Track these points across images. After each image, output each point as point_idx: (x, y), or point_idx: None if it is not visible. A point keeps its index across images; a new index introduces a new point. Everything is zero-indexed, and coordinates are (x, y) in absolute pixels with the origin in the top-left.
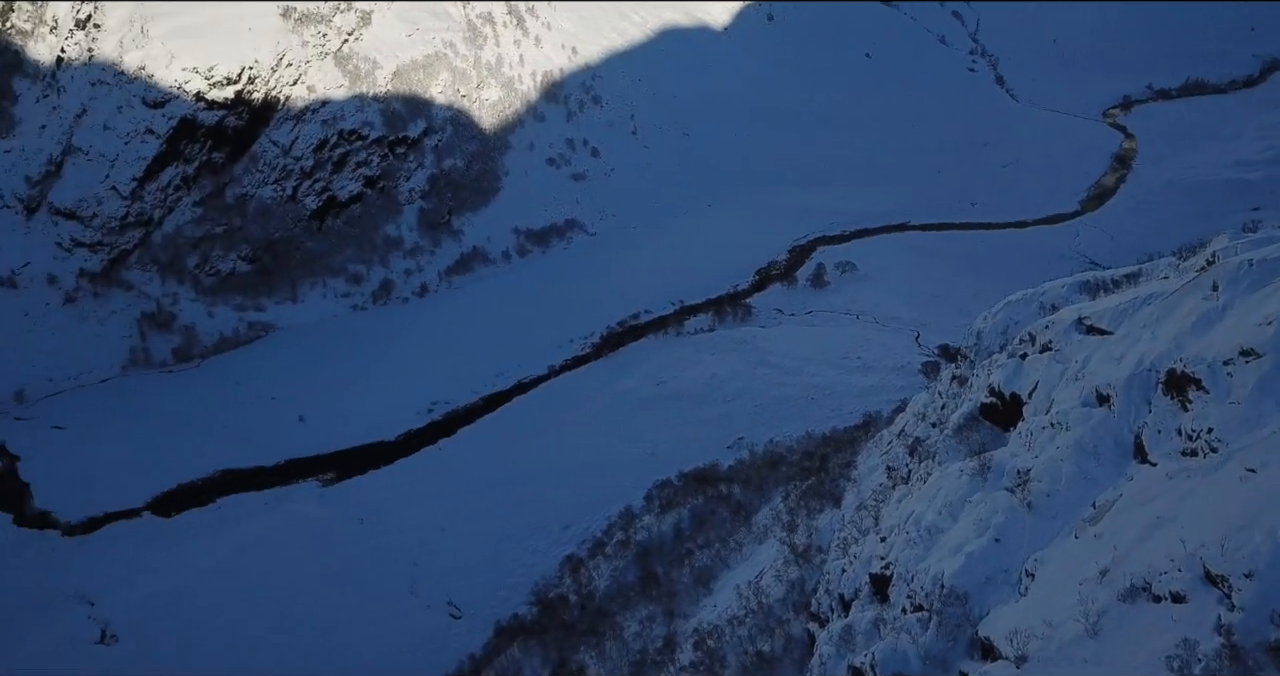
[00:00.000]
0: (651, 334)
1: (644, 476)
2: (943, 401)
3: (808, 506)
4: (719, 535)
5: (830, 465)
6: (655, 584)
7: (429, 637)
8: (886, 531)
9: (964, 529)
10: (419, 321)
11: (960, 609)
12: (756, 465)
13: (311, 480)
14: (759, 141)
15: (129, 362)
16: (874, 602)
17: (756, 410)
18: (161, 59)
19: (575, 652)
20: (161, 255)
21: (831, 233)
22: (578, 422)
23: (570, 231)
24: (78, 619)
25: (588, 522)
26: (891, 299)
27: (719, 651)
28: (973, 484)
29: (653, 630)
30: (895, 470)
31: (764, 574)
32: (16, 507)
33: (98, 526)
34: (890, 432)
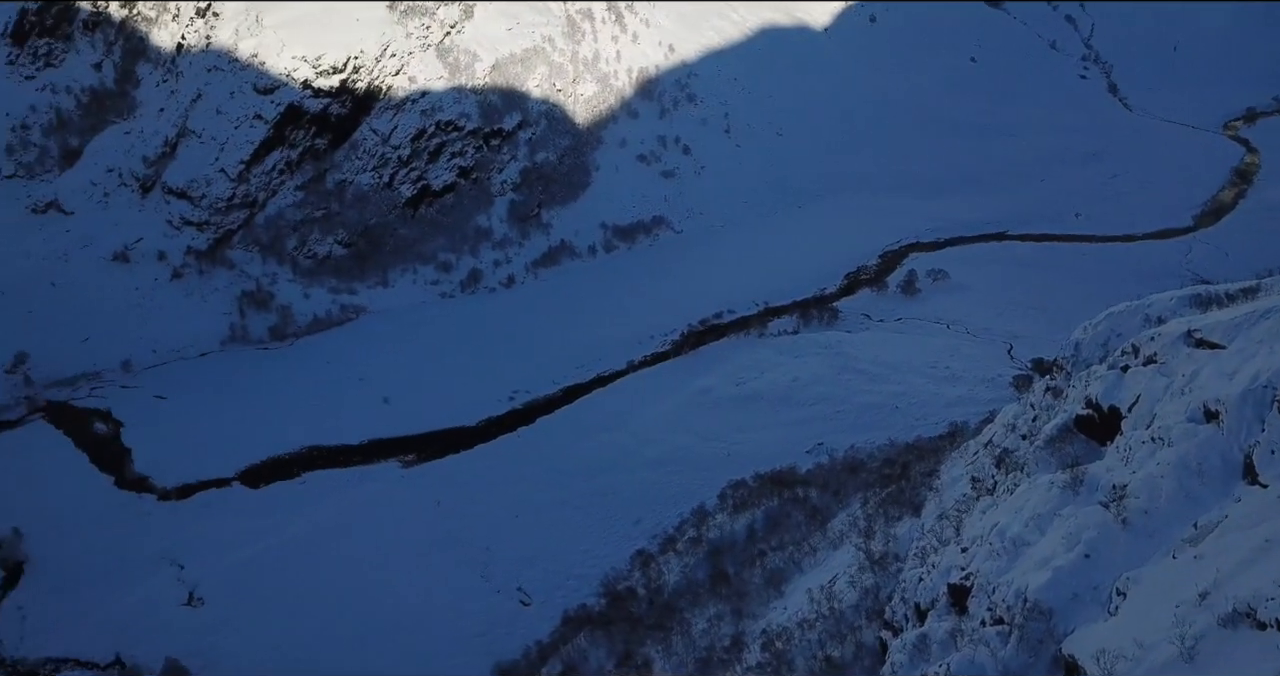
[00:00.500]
0: (733, 334)
1: (718, 476)
2: (1034, 413)
3: (886, 513)
4: (793, 538)
5: (912, 473)
6: (725, 582)
7: (497, 622)
8: (968, 542)
9: (1052, 542)
10: (504, 311)
11: (1044, 624)
12: (835, 470)
13: (393, 460)
14: (855, 144)
15: (228, 339)
16: (951, 613)
17: (838, 416)
18: (273, 47)
19: (641, 646)
20: (263, 236)
21: (925, 239)
22: (654, 419)
23: (657, 228)
24: (167, 580)
25: (659, 518)
26: (984, 309)
27: (787, 654)
28: (1063, 497)
29: (720, 628)
30: (980, 481)
31: (837, 579)
32: (118, 471)
33: (191, 493)
34: (977, 443)
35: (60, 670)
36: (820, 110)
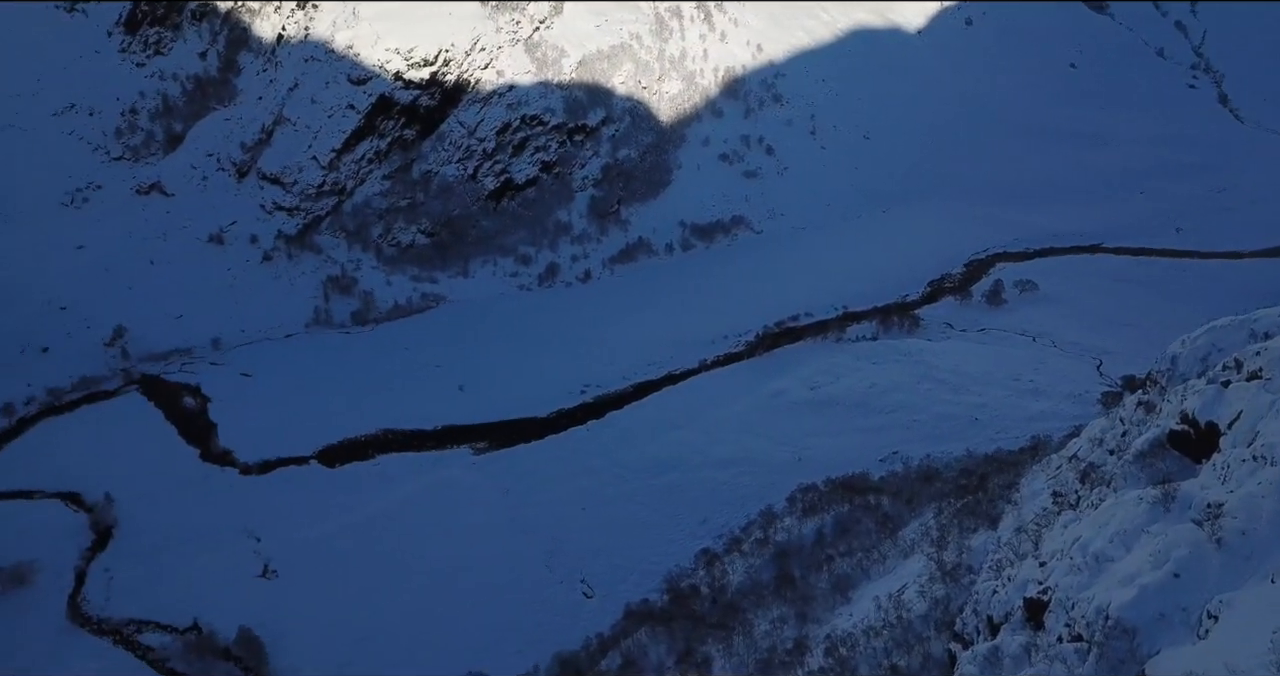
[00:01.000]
0: (810, 337)
1: (788, 479)
2: (1124, 428)
3: (961, 525)
4: (862, 544)
5: (990, 485)
6: (790, 585)
7: (559, 612)
8: (1047, 556)
9: (1138, 559)
10: (580, 306)
11: (1126, 643)
12: (910, 478)
13: (465, 447)
14: (944, 150)
15: (312, 321)
16: (1026, 628)
17: (914, 425)
18: (368, 39)
19: (702, 644)
20: (350, 223)
21: (1014, 249)
22: (725, 419)
23: (736, 228)
24: (244, 552)
25: (726, 519)
26: (1074, 323)
27: (851, 660)
28: (1152, 513)
29: (783, 631)
30: (1063, 496)
31: (907, 588)
32: (204, 444)
33: (270, 469)
34: (1060, 457)
35: (141, 631)
36: (910, 114)
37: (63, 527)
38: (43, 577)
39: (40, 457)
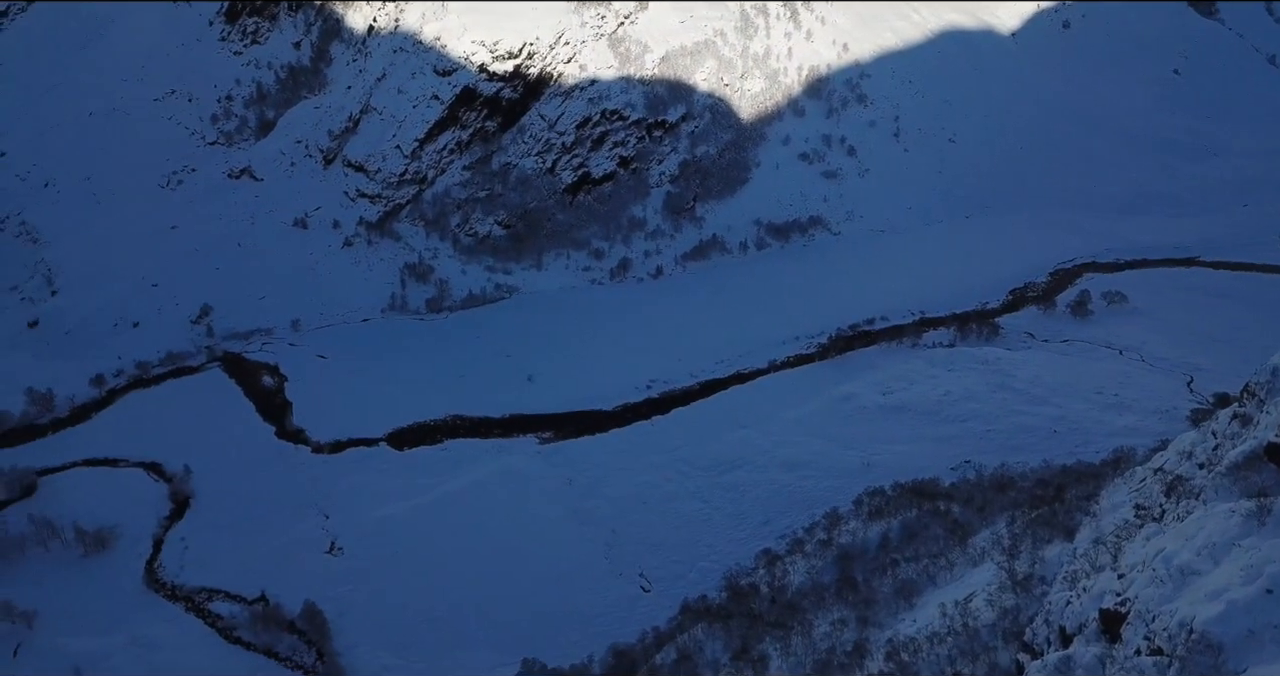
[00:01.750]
0: (884, 342)
1: (855, 484)
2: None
3: (1035, 535)
4: (929, 551)
5: (1067, 497)
6: (853, 589)
7: (616, 604)
8: (1126, 568)
9: (1227, 574)
10: (650, 302)
11: (1211, 659)
12: (982, 486)
13: (531, 436)
14: (1034, 156)
15: (388, 307)
16: (1101, 640)
17: (989, 435)
18: (455, 31)
19: (759, 642)
20: (429, 212)
21: (1103, 260)
22: (792, 421)
23: (813, 229)
24: (313, 528)
25: (790, 521)
26: (1163, 338)
27: (913, 666)
28: (1245, 527)
29: (844, 634)
30: (1146, 508)
31: (975, 596)
32: (279, 422)
33: (341, 449)
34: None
35: (212, 599)
36: (999, 118)
37: (143, 496)
38: (122, 543)
39: (126, 428)
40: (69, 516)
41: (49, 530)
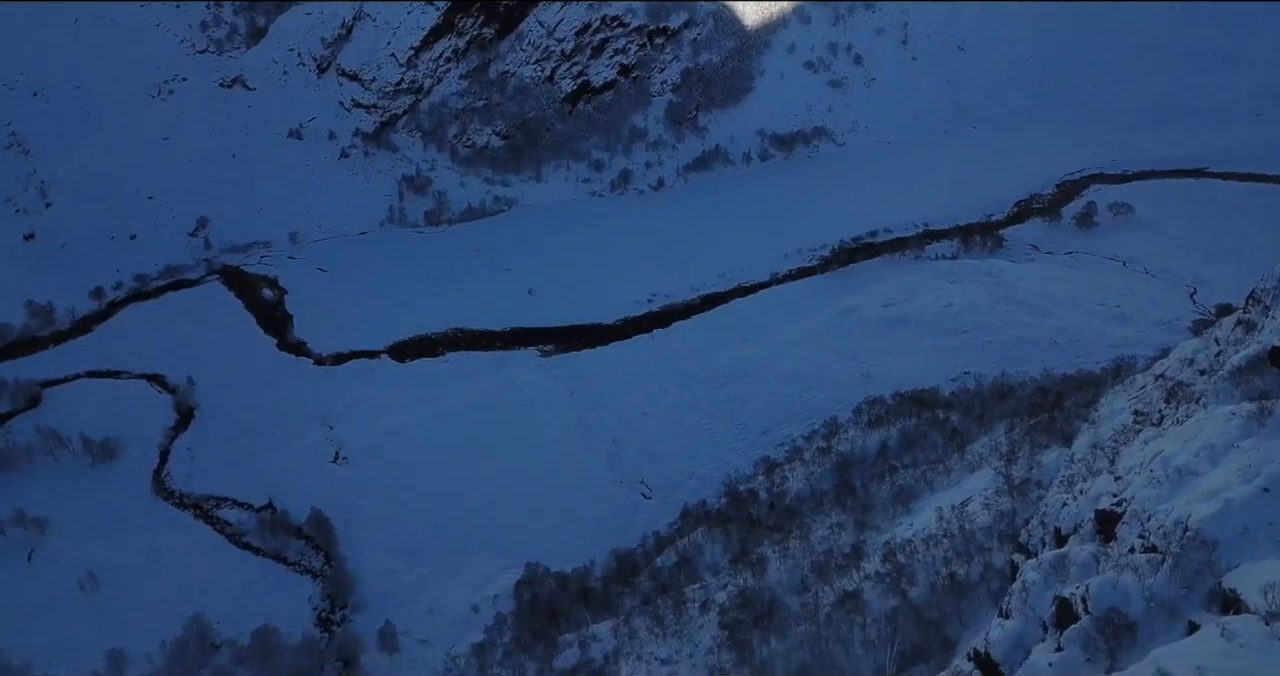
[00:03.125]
0: (887, 254)
1: (855, 395)
2: (1218, 348)
3: (1033, 441)
4: (927, 457)
5: (1066, 404)
6: (851, 494)
7: (619, 511)
8: (1123, 471)
9: (1225, 474)
10: (651, 214)
11: (1205, 556)
12: (982, 395)
13: (532, 349)
14: (1046, 65)
15: (386, 220)
16: (1096, 539)
17: (989, 347)
18: None
19: (758, 545)
20: (426, 122)
21: (1111, 171)
22: (793, 334)
23: (817, 140)
24: (317, 439)
25: (789, 431)
26: (1169, 249)
27: (909, 567)
28: (1245, 428)
29: (841, 537)
30: (1145, 414)
31: (972, 500)
32: (280, 334)
33: (343, 361)
34: (1145, 376)
35: (220, 507)
36: (1011, 27)
37: (148, 407)
38: (130, 452)
39: (128, 340)
40: (75, 427)
41: (56, 440)
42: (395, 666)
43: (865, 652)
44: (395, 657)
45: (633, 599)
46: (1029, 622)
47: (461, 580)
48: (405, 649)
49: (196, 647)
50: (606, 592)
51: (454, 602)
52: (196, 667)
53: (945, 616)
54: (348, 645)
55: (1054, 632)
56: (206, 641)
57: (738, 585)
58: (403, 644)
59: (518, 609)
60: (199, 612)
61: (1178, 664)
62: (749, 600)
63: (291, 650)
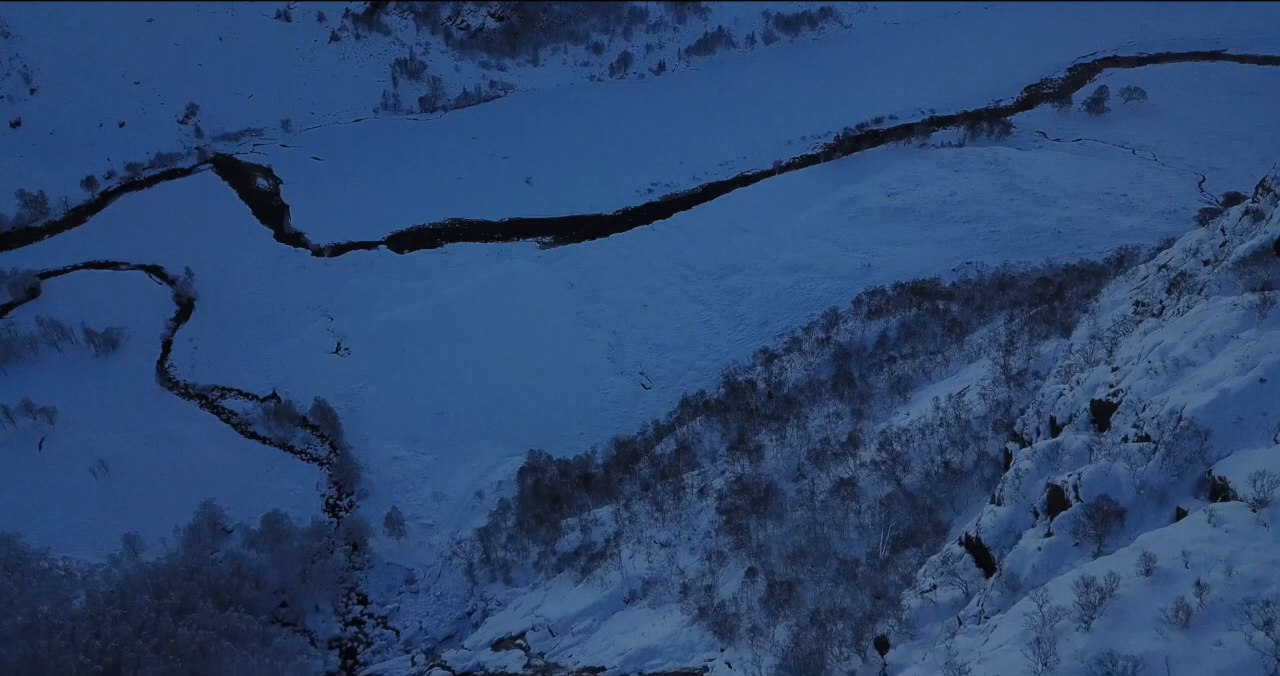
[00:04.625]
0: (892, 142)
1: (855, 286)
2: (1224, 238)
3: (1032, 331)
4: (926, 348)
5: (1067, 295)
6: (849, 384)
7: (618, 401)
8: (1121, 362)
9: (1223, 365)
10: (652, 100)
11: (1197, 445)
12: (983, 286)
13: (531, 240)
14: None
15: (380, 106)
16: (1090, 429)
17: (993, 237)
18: None
19: (755, 434)
20: (418, 3)
21: (1126, 54)
22: (795, 224)
23: (824, 21)
24: (319, 331)
25: (789, 321)
26: (1180, 136)
27: (904, 455)
28: (1246, 319)
29: (838, 426)
30: (1146, 305)
31: (969, 390)
32: (277, 225)
33: (341, 252)
34: (1148, 267)
35: (224, 397)
36: None
37: (148, 298)
38: (132, 343)
39: (123, 230)
40: (76, 318)
41: (58, 331)
42: (403, 549)
43: (859, 537)
44: (402, 541)
45: (633, 485)
46: (1020, 509)
47: (465, 467)
48: (412, 533)
49: (209, 532)
50: (607, 479)
51: (458, 489)
52: (210, 551)
53: (938, 502)
54: (356, 529)
55: (1044, 519)
56: (218, 526)
57: (735, 472)
58: (409, 528)
59: (520, 494)
60: (209, 499)
61: (1164, 549)
62: (746, 486)
63: (301, 534)
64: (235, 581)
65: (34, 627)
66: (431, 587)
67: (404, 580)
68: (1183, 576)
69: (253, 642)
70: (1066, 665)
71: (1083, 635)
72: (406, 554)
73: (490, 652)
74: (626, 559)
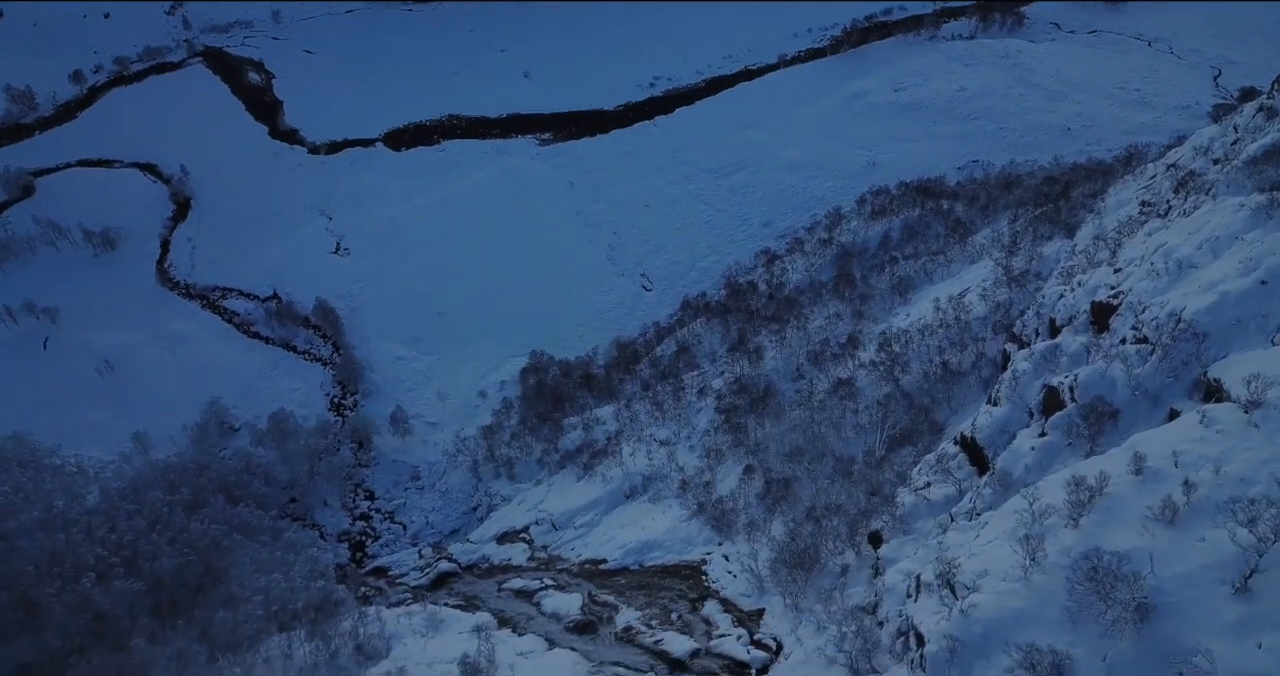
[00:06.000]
0: (901, 34)
1: (860, 184)
2: (1236, 136)
3: (1035, 231)
4: (928, 248)
5: (1074, 194)
6: (850, 285)
7: (619, 302)
8: (1123, 263)
9: (1225, 266)
10: None
11: (1193, 346)
12: (988, 185)
13: (530, 137)
14: None
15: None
16: (1089, 330)
17: (1001, 133)
18: None
19: (755, 335)
20: None
21: None
22: (799, 120)
23: None
24: (317, 230)
25: (791, 221)
26: (1199, 28)
27: (903, 356)
28: (1253, 220)
29: (838, 327)
30: (1152, 205)
31: (969, 291)
32: (271, 121)
33: (337, 150)
34: (1157, 166)
35: (225, 297)
36: None
37: (143, 197)
38: (129, 243)
39: (114, 127)
40: (72, 217)
41: (55, 231)
42: (408, 447)
43: (856, 436)
44: (407, 439)
45: (633, 385)
46: (1016, 409)
47: (467, 367)
48: (416, 431)
49: (216, 430)
50: (608, 379)
51: (461, 388)
52: (218, 449)
53: (935, 402)
54: (361, 428)
55: (1039, 419)
56: (225, 425)
57: (735, 372)
58: (413, 427)
59: (523, 394)
60: (216, 398)
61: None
62: (745, 386)
63: (307, 433)
64: (245, 478)
65: (50, 521)
66: (437, 484)
67: (410, 477)
68: (1172, 475)
69: (264, 536)
70: (1053, 560)
71: (1071, 532)
72: (411, 451)
73: (495, 546)
74: (627, 456)
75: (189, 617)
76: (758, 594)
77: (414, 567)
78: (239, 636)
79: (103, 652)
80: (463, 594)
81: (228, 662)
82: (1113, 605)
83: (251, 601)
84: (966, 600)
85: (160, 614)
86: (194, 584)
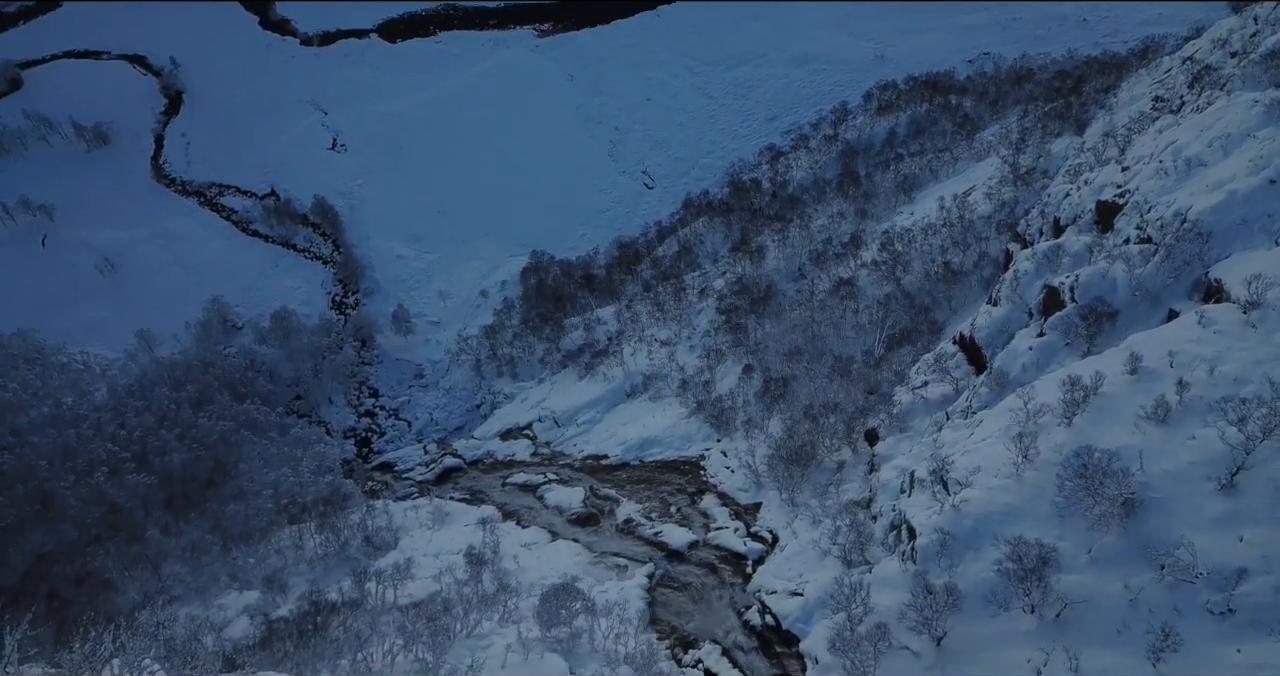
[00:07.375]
0: None
1: (867, 78)
2: (1256, 28)
3: (1044, 128)
4: (934, 145)
5: (1085, 89)
6: (854, 183)
7: (620, 200)
8: (1132, 161)
9: (1234, 165)
10: None
11: (1197, 247)
12: (998, 79)
13: (529, 28)
14: None
15: None
16: (1093, 230)
17: (1014, 24)
18: None
19: (758, 234)
20: None
21: None
22: (804, 12)
23: None
24: (313, 125)
25: (796, 117)
26: None
27: (905, 255)
28: (1266, 117)
29: (841, 226)
30: (1165, 101)
31: (974, 190)
32: (262, 11)
33: (331, 41)
34: (1173, 59)
35: (223, 195)
36: None
37: (133, 90)
38: (123, 139)
39: (99, 16)
40: (63, 112)
41: (46, 125)
42: (410, 346)
43: (855, 335)
44: (410, 338)
45: (634, 285)
46: (1016, 309)
47: (469, 266)
48: (419, 330)
49: (219, 328)
50: (610, 279)
51: (463, 287)
52: (222, 347)
53: (936, 302)
54: (364, 326)
55: (1039, 319)
56: (228, 323)
57: (736, 272)
58: (416, 325)
59: (524, 294)
60: (218, 295)
61: (1151, 348)
62: (746, 286)
63: (310, 331)
64: (250, 375)
65: (60, 418)
66: (440, 382)
67: (413, 375)
68: (1166, 375)
69: (271, 432)
70: (1045, 457)
71: (1064, 430)
72: (414, 350)
73: (499, 442)
74: (628, 356)
75: (201, 510)
76: (755, 488)
77: (419, 463)
78: (251, 528)
79: (120, 543)
80: (468, 488)
81: (241, 553)
82: (1101, 500)
83: (261, 495)
84: (959, 495)
85: (173, 507)
86: (204, 478)
